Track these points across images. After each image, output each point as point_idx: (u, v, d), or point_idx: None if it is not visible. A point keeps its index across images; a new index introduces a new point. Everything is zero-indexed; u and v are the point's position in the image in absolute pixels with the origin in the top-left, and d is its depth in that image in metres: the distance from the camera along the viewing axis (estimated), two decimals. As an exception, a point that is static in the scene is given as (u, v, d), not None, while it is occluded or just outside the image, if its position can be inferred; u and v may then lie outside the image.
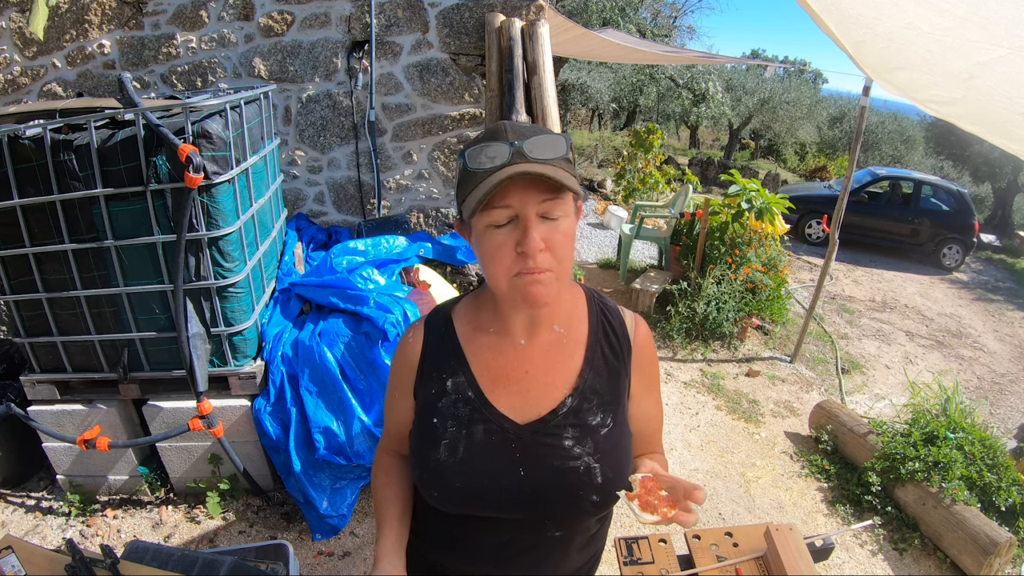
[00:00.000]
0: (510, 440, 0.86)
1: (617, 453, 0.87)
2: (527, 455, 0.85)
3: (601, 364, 0.90)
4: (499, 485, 0.85)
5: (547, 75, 2.93)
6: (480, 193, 0.73)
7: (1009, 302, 7.05)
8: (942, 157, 13.06)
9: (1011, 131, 1.81)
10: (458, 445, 0.86)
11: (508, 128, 0.77)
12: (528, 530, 0.89)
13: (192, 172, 1.91)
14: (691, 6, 15.23)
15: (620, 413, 0.90)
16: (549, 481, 0.85)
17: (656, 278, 5.07)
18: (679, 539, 1.61)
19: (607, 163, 11.90)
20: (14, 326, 2.25)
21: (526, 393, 0.88)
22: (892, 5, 1.80)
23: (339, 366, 2.36)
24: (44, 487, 2.62)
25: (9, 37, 3.21)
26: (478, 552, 0.93)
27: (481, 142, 0.77)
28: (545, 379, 0.88)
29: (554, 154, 0.75)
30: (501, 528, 0.89)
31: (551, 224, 0.76)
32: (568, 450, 0.85)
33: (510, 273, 0.77)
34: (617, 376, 0.91)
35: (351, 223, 3.51)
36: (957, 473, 2.66)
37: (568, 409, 0.87)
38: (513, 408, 0.87)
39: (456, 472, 0.85)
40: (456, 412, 0.87)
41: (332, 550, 2.34)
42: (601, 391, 0.89)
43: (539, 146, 0.75)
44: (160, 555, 1.45)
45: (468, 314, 0.93)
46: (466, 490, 0.85)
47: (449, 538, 0.95)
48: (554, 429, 0.86)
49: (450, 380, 0.89)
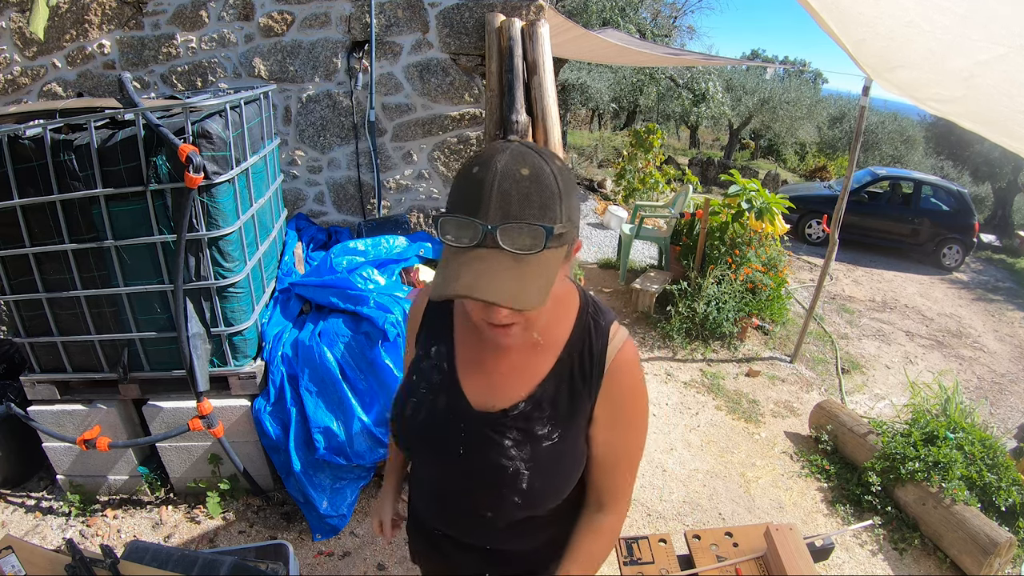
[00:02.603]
0: (460, 420, 0.92)
1: (553, 468, 0.89)
2: (470, 439, 0.91)
3: (565, 380, 0.90)
4: (439, 453, 0.93)
5: (547, 75, 2.93)
6: (437, 287, 0.72)
7: (1009, 302, 7.05)
8: (942, 157, 13.06)
9: (1011, 129, 1.81)
10: (421, 408, 0.94)
11: (494, 189, 0.70)
12: (468, 500, 0.95)
13: (192, 172, 1.91)
14: (691, 6, 15.27)
15: (571, 432, 0.90)
16: (480, 469, 0.90)
17: (656, 278, 5.06)
18: (679, 539, 1.61)
19: (607, 163, 11.91)
20: (14, 326, 2.25)
21: (489, 385, 0.92)
22: (893, 4, 1.80)
23: (339, 366, 2.36)
24: (44, 487, 2.62)
25: (9, 37, 3.21)
26: (439, 504, 1.02)
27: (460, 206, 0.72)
28: (510, 377, 0.91)
29: (529, 246, 0.70)
30: (450, 492, 0.98)
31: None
32: (505, 450, 0.88)
33: (479, 318, 0.81)
34: (577, 396, 0.90)
35: (351, 223, 3.51)
36: (957, 473, 2.66)
37: (519, 412, 0.89)
38: (475, 394, 0.92)
39: (412, 430, 0.95)
40: (430, 377, 0.95)
41: (332, 550, 2.34)
42: (557, 404, 0.89)
43: (513, 236, 0.70)
44: (160, 555, 1.45)
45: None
46: (415, 445, 0.96)
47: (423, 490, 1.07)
48: (500, 427, 0.89)
49: (435, 347, 0.97)
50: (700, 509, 2.77)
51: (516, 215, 0.70)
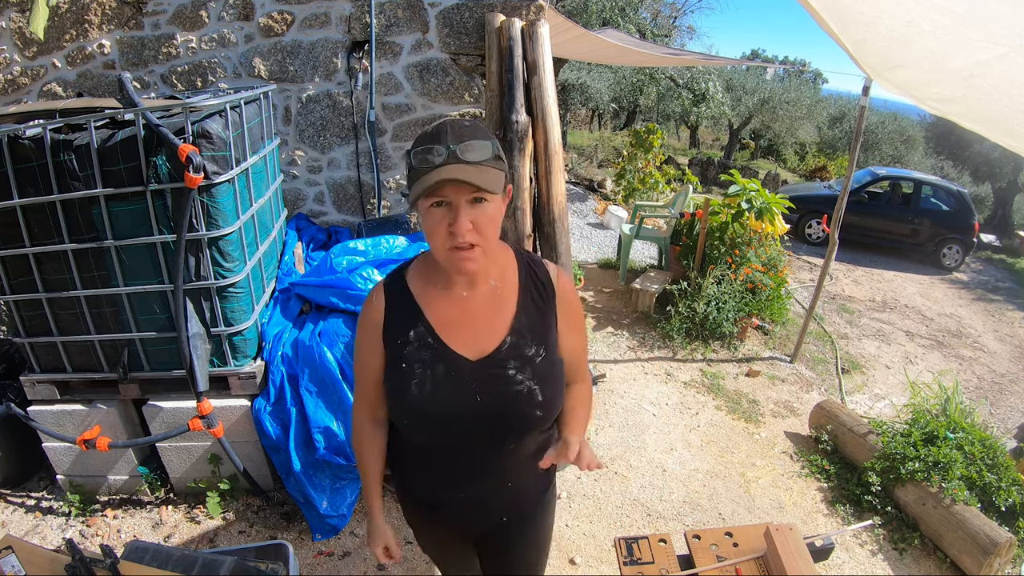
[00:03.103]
0: (465, 373, 1.06)
1: (551, 376, 1.09)
2: (481, 384, 1.05)
3: (531, 307, 1.11)
4: (460, 410, 1.05)
5: (547, 75, 2.93)
6: (421, 187, 0.91)
7: (1009, 302, 7.04)
8: (942, 157, 13.05)
9: (1012, 129, 1.81)
10: (425, 382, 1.05)
11: (449, 130, 0.94)
12: (486, 448, 1.10)
13: (192, 172, 1.91)
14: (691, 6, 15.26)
15: (550, 344, 1.11)
16: (501, 403, 1.05)
17: (656, 278, 5.06)
18: (679, 539, 1.61)
19: (607, 163, 11.90)
20: (14, 326, 2.25)
21: (474, 335, 1.08)
22: (893, 4, 1.80)
23: (339, 366, 2.36)
24: (44, 487, 2.62)
25: (9, 37, 3.21)
26: (443, 469, 1.15)
27: (425, 143, 0.94)
28: (487, 323, 1.08)
29: (482, 156, 0.93)
30: (469, 450, 1.11)
31: (478, 208, 0.95)
32: (512, 377, 1.05)
33: (445, 246, 0.96)
34: (544, 315, 1.12)
35: (351, 223, 3.51)
36: (957, 473, 2.66)
37: (509, 345, 1.07)
38: (465, 347, 1.07)
39: (427, 403, 1.05)
40: (420, 356, 1.06)
41: (332, 550, 2.34)
42: (533, 328, 1.10)
43: (470, 150, 0.92)
44: (160, 555, 1.45)
45: (419, 274, 1.12)
46: (436, 416, 1.06)
47: (420, 461, 1.18)
48: (500, 362, 1.06)
49: (412, 331, 1.08)
50: (700, 509, 2.77)
51: (468, 139, 0.93)
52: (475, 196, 0.93)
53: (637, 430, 3.32)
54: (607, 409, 3.51)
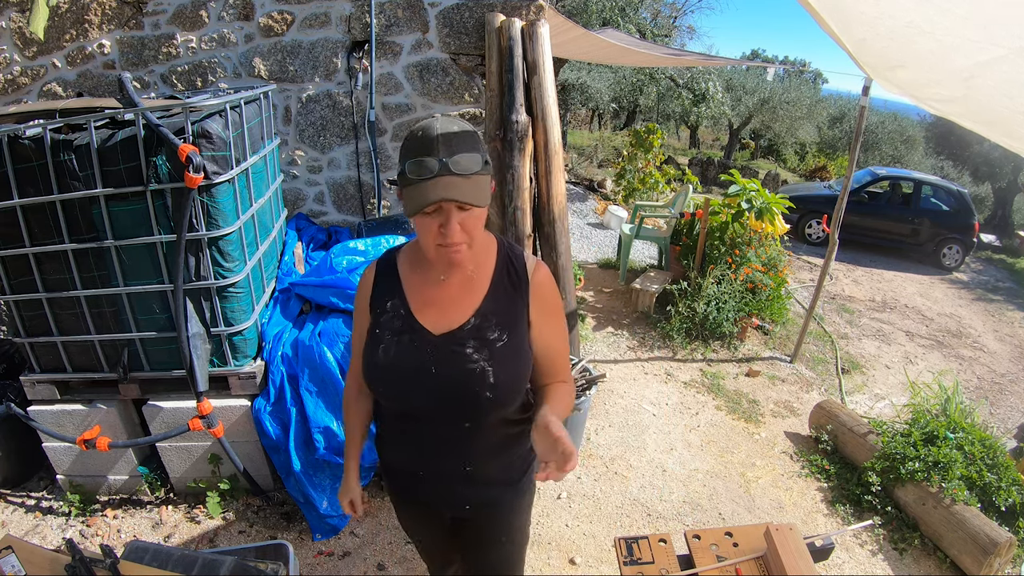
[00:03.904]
0: (427, 346, 1.14)
1: (509, 362, 1.14)
2: (438, 358, 1.13)
3: (501, 295, 1.17)
4: (417, 377, 1.13)
5: (547, 75, 2.93)
6: (417, 204, 0.98)
7: (1009, 302, 7.04)
8: (942, 157, 13.05)
9: (1012, 129, 1.81)
10: (391, 348, 1.15)
11: (439, 137, 0.98)
12: (445, 423, 1.16)
13: (192, 172, 1.91)
14: (691, 6, 15.26)
15: (516, 333, 1.16)
16: (454, 377, 1.12)
17: (656, 278, 5.06)
18: (679, 539, 1.61)
19: (607, 163, 11.90)
20: (14, 326, 2.25)
21: (442, 313, 1.16)
22: (893, 4, 1.80)
23: (339, 366, 2.36)
24: (44, 487, 2.62)
25: (9, 37, 3.21)
26: (411, 443, 1.24)
27: (416, 153, 0.98)
28: (458, 304, 1.16)
29: (473, 168, 0.99)
30: (426, 422, 1.18)
31: (467, 212, 1.01)
32: (468, 356, 1.12)
33: (435, 243, 1.03)
34: (514, 304, 1.17)
35: (351, 223, 3.51)
36: (957, 473, 2.66)
37: (472, 326, 1.14)
38: (432, 323, 1.15)
39: (389, 367, 1.14)
40: (392, 325, 1.17)
41: (332, 550, 2.34)
42: (500, 313, 1.15)
43: (460, 163, 0.98)
44: (160, 555, 1.45)
45: (407, 257, 1.22)
46: (396, 381, 1.15)
47: (394, 435, 1.28)
48: (460, 340, 1.13)
49: (390, 303, 1.18)
50: (700, 509, 2.77)
51: (459, 151, 0.98)
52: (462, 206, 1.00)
53: (637, 430, 3.32)
54: (607, 409, 3.51)
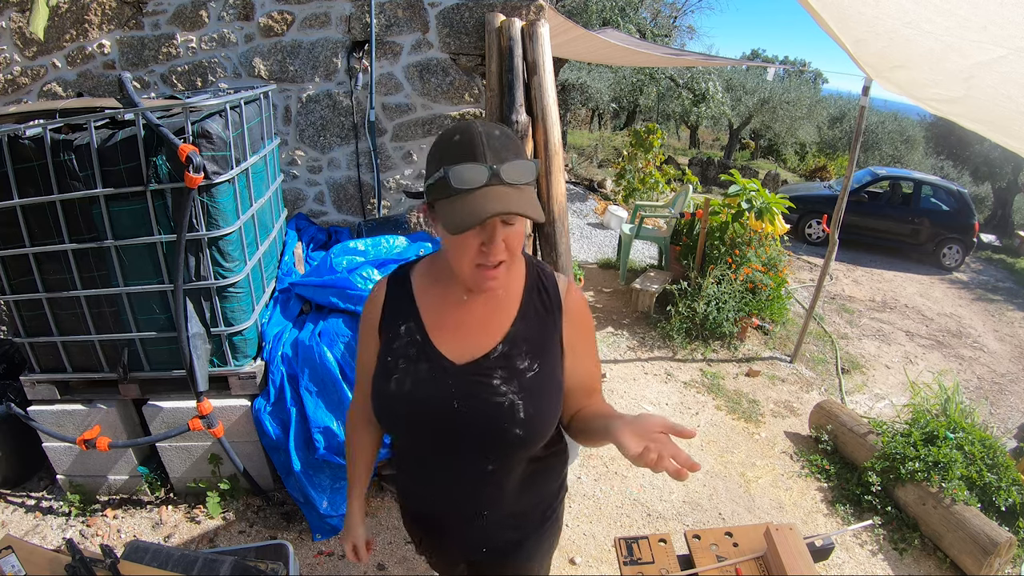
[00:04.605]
0: (448, 376, 0.99)
1: (541, 394, 1.00)
2: (460, 390, 0.99)
3: (532, 317, 1.03)
4: (436, 413, 0.99)
5: (547, 75, 2.93)
6: (463, 220, 0.83)
7: (1009, 302, 7.04)
8: (942, 157, 13.06)
9: (1012, 129, 1.81)
10: (406, 379, 1.00)
11: (484, 143, 0.85)
12: (466, 463, 1.03)
13: (192, 172, 1.91)
14: (691, 6, 15.27)
15: (548, 361, 1.02)
16: (479, 413, 0.98)
17: (656, 278, 5.06)
18: (679, 539, 1.61)
19: (607, 163, 11.91)
20: (14, 326, 2.25)
21: (464, 339, 1.02)
22: (893, 4, 1.80)
23: (339, 366, 2.36)
24: (44, 487, 2.62)
25: (9, 37, 3.21)
26: (430, 480, 1.10)
27: (460, 158, 0.84)
28: (482, 328, 1.02)
29: (525, 179, 0.86)
30: (446, 462, 1.05)
31: (510, 228, 0.88)
32: (496, 388, 0.98)
33: (472, 264, 0.90)
34: (546, 328, 1.03)
35: (351, 223, 3.51)
36: (957, 473, 2.66)
37: (499, 354, 1.00)
38: (452, 350, 1.01)
39: (402, 401, 1.00)
40: (406, 352, 1.02)
41: (332, 550, 2.34)
42: (531, 339, 1.02)
43: (514, 171, 0.85)
44: (160, 555, 1.45)
45: (423, 273, 1.08)
46: (409, 416, 1.01)
47: (412, 470, 1.14)
48: (486, 370, 0.99)
49: (403, 325, 1.04)
50: (700, 509, 2.77)
51: (507, 158, 0.85)
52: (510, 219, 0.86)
53: (637, 430, 3.32)
54: (607, 409, 3.51)
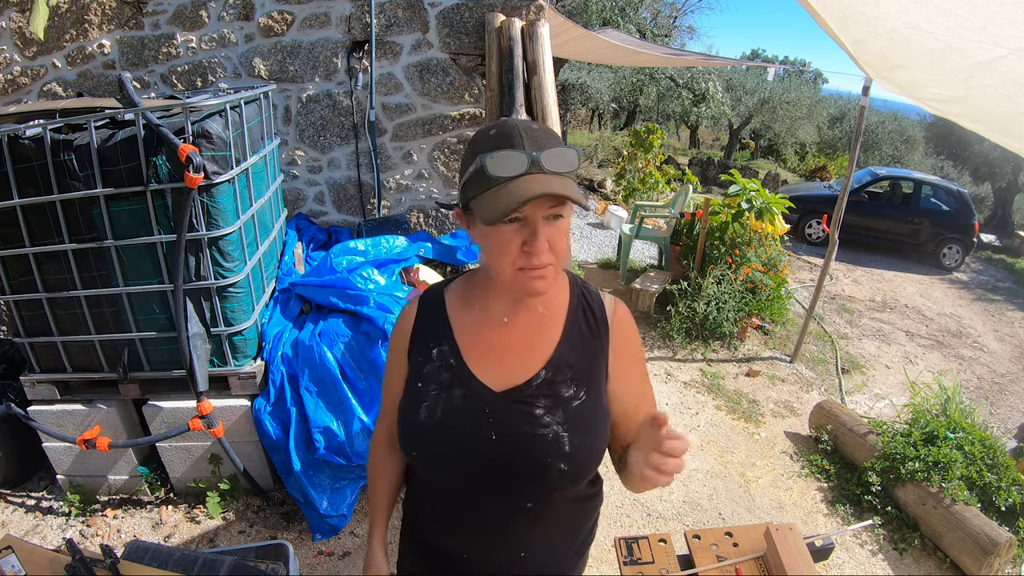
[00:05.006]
0: (484, 405, 0.90)
1: (588, 425, 0.91)
2: (499, 420, 0.89)
3: (578, 340, 0.94)
4: (470, 446, 0.89)
5: (547, 75, 2.93)
6: (502, 206, 0.77)
7: (1009, 302, 7.04)
8: (942, 157, 13.06)
9: (1012, 129, 1.81)
10: (437, 407, 0.91)
11: (521, 132, 0.80)
12: (501, 500, 0.92)
13: (192, 172, 1.91)
14: (691, 6, 15.28)
15: (595, 388, 0.93)
16: (518, 446, 0.88)
17: (656, 278, 5.06)
18: (679, 539, 1.61)
19: (607, 163, 11.90)
20: (14, 326, 2.25)
21: (504, 364, 0.93)
22: (893, 4, 1.80)
23: (339, 366, 2.36)
24: (44, 487, 2.62)
25: (9, 37, 3.21)
26: (459, 522, 0.98)
27: (497, 147, 0.80)
28: (523, 352, 0.93)
29: (568, 168, 0.80)
30: (478, 499, 0.94)
31: (554, 224, 0.82)
32: (539, 418, 0.89)
33: (515, 266, 0.83)
34: (593, 352, 0.94)
35: (351, 223, 3.51)
36: (957, 473, 2.66)
37: (542, 380, 0.91)
38: (491, 377, 0.92)
39: (433, 431, 0.91)
40: (439, 377, 0.93)
41: (332, 550, 2.34)
42: (576, 365, 0.93)
43: (555, 159, 0.79)
44: (160, 555, 1.45)
45: (459, 292, 0.99)
46: (439, 448, 0.91)
47: (438, 510, 1.01)
48: (527, 398, 0.90)
49: (436, 349, 0.95)
50: (700, 509, 2.77)
51: (547, 145, 0.80)
52: (553, 212, 0.81)
53: (637, 430, 3.32)
54: (607, 409, 3.51)
